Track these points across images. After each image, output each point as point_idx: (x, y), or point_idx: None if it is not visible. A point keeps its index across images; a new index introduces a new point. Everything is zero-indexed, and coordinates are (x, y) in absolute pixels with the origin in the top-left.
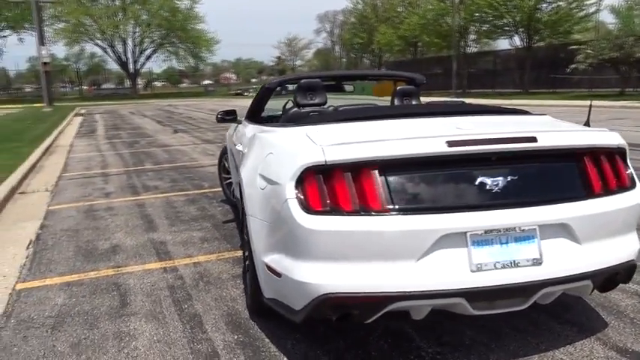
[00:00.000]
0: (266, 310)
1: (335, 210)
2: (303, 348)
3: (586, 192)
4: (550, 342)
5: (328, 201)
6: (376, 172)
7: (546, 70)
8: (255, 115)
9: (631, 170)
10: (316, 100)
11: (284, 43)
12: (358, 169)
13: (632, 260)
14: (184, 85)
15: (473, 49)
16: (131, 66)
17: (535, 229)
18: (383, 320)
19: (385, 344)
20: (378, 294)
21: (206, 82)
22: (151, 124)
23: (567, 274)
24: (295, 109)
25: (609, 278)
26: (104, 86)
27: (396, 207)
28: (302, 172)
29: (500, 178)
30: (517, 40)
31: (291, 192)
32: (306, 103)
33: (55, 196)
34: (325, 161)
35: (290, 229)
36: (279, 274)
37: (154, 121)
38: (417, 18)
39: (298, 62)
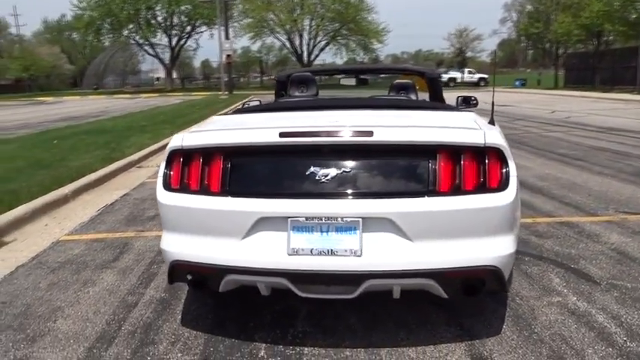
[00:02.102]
0: None
1: (185, 189)
2: (202, 311)
3: (427, 189)
4: (417, 339)
5: (185, 181)
6: (220, 157)
7: None
8: None
9: (507, 170)
10: (306, 93)
11: (454, 34)
12: (208, 154)
13: (492, 266)
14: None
15: None
16: (305, 58)
17: (358, 221)
18: (290, 299)
19: (270, 317)
20: (211, 265)
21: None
22: None
23: (391, 269)
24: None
25: (468, 281)
26: None
27: (227, 189)
28: (169, 155)
29: (332, 169)
30: None
31: (161, 171)
32: (295, 95)
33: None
34: (182, 146)
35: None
36: None
37: None
38: (600, 4)
39: (469, 54)
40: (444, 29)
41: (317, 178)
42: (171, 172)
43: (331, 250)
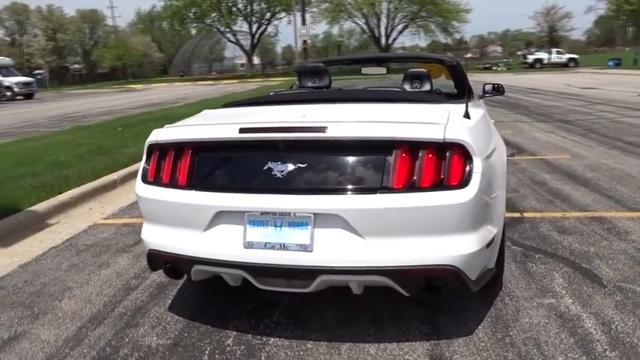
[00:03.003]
0: None
1: (159, 181)
2: (192, 297)
3: (380, 186)
4: (384, 335)
5: (159, 174)
6: (188, 151)
7: None
8: None
9: (470, 167)
10: (318, 84)
11: (541, 13)
12: (180, 148)
13: (450, 265)
14: None
15: None
16: (383, 41)
17: (310, 216)
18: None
19: (250, 305)
20: (179, 255)
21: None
22: None
23: (342, 266)
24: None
25: (428, 280)
26: None
27: (191, 183)
28: (147, 148)
29: (288, 165)
30: None
31: (142, 164)
32: (307, 86)
33: None
34: (157, 141)
35: None
36: None
37: None
38: None
39: (559, 33)
40: (534, 7)
41: (273, 173)
42: (148, 166)
43: (283, 244)
